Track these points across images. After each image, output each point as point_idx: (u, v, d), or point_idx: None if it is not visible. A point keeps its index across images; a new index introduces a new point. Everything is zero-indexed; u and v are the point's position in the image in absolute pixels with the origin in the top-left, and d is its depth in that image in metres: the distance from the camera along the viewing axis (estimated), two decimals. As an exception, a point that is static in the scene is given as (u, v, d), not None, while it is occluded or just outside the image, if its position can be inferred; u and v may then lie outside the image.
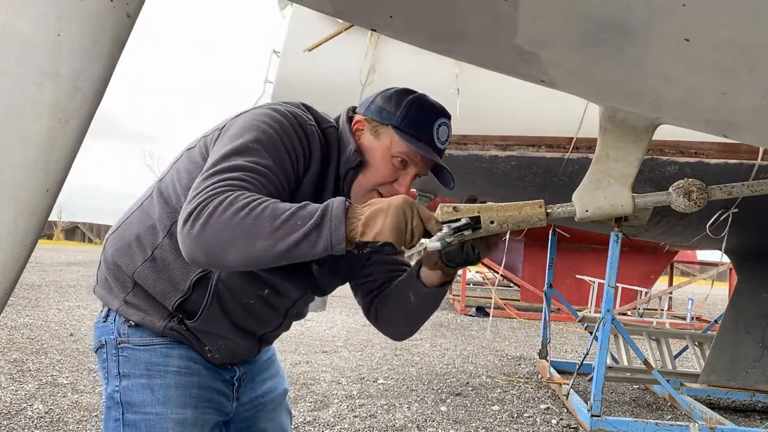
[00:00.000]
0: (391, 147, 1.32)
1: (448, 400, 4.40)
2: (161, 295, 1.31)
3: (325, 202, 1.12)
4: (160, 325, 1.31)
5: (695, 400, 4.25)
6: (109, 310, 1.37)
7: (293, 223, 1.08)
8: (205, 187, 1.12)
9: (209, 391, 1.38)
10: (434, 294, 1.38)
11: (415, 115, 1.33)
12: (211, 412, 1.38)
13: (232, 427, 1.48)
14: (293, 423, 3.65)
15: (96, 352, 1.39)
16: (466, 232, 1.22)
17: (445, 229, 1.20)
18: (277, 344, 1.64)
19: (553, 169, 4.14)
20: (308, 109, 1.37)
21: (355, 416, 3.87)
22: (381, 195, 1.32)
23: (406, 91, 1.37)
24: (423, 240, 1.20)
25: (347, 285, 1.53)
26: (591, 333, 4.40)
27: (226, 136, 1.25)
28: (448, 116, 1.38)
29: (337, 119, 1.39)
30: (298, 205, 1.11)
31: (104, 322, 1.36)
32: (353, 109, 1.41)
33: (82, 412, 3.64)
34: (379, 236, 1.10)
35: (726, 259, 5.03)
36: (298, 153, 1.26)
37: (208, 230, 1.07)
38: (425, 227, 1.15)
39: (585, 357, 4.07)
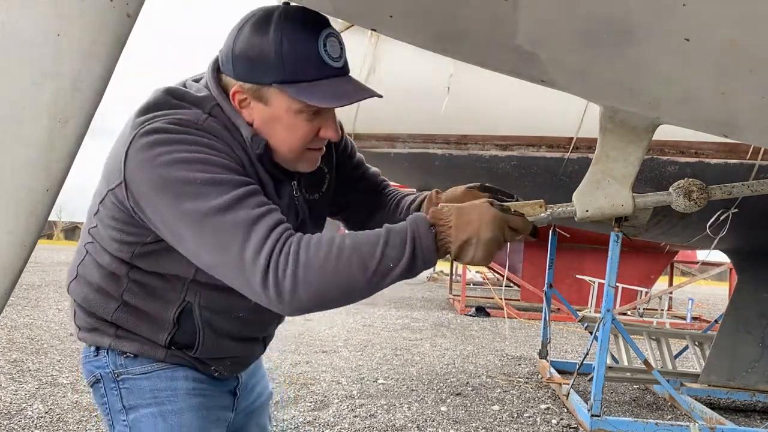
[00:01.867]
0: (291, 106, 1.10)
1: (448, 400, 4.39)
2: (148, 333, 1.22)
3: (409, 231, 1.03)
4: (161, 353, 1.23)
5: (695, 400, 4.24)
6: (98, 347, 1.26)
7: (385, 265, 1.01)
8: (245, 236, 0.99)
9: (218, 410, 1.32)
10: None
11: (294, 51, 1.06)
12: (218, 430, 1.32)
13: None
14: (294, 423, 3.65)
15: (92, 387, 1.28)
16: None
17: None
18: (277, 344, 1.63)
19: (553, 169, 4.14)
20: (178, 95, 1.13)
21: (355, 416, 3.86)
22: (314, 150, 1.18)
23: (264, 20, 1.08)
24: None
25: None
26: (591, 333, 4.40)
27: (161, 191, 1.03)
28: (327, 22, 1.10)
29: (207, 85, 1.16)
30: (382, 239, 1.02)
31: (96, 356, 1.25)
32: (218, 69, 1.16)
33: (82, 412, 3.64)
34: (471, 263, 1.08)
35: (715, 258, 5.02)
36: (227, 152, 1.09)
37: (301, 296, 0.99)
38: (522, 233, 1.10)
39: (585, 357, 4.06)
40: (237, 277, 1.01)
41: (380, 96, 1.13)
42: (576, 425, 3.94)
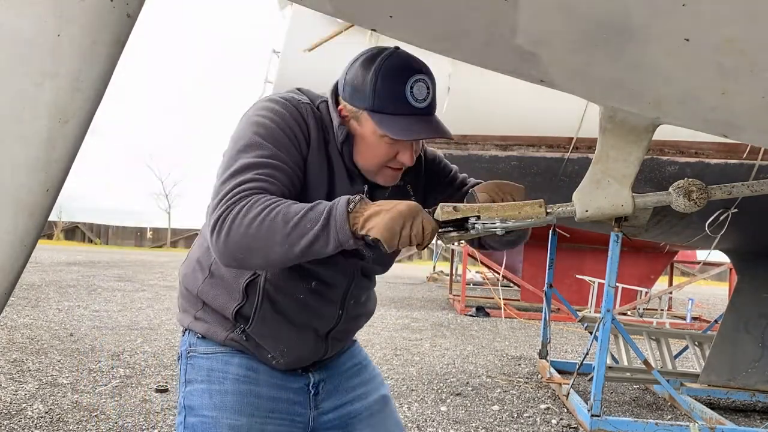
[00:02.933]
0: (376, 130, 1.30)
1: (448, 400, 4.40)
2: (221, 307, 1.37)
3: (334, 202, 1.17)
4: (222, 335, 1.38)
5: (695, 400, 4.25)
6: (184, 328, 1.46)
7: (303, 226, 1.15)
8: (223, 195, 1.19)
9: (273, 402, 1.40)
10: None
11: (385, 88, 1.28)
12: (276, 424, 1.39)
13: None
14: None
15: (178, 363, 1.49)
16: (454, 234, 1.23)
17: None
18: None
19: (553, 169, 4.14)
20: (302, 91, 1.40)
21: (355, 416, 3.86)
22: (392, 169, 1.35)
23: (371, 59, 1.30)
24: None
25: None
26: (591, 333, 4.40)
27: (232, 139, 1.30)
28: (420, 69, 1.30)
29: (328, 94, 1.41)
30: (309, 206, 1.17)
31: (183, 335, 1.47)
32: (337, 88, 1.39)
33: (82, 412, 3.64)
34: (371, 231, 1.15)
35: (715, 258, 5.01)
36: (296, 132, 1.29)
37: (231, 240, 1.16)
38: (424, 240, 1.18)
39: (585, 357, 4.07)
40: (209, 213, 1.21)
41: (451, 138, 1.31)
42: (576, 425, 3.94)
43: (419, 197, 1.49)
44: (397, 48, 1.32)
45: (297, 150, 1.29)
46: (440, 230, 1.22)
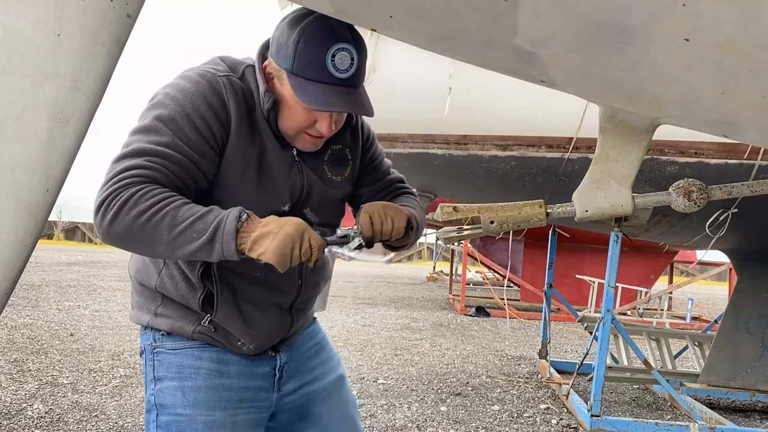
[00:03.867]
0: (294, 93, 1.25)
1: (448, 400, 4.40)
2: (185, 298, 1.34)
3: (222, 215, 1.15)
4: (189, 329, 1.35)
5: (695, 400, 4.25)
6: (143, 325, 1.41)
7: (188, 235, 1.13)
8: (111, 176, 1.15)
9: (242, 392, 1.39)
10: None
11: (305, 52, 1.21)
12: (245, 412, 1.39)
13: (281, 418, 1.47)
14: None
15: (141, 357, 1.44)
16: (453, 235, 1.23)
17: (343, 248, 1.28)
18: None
19: (553, 169, 4.14)
20: (222, 59, 1.34)
21: (355, 416, 3.86)
22: (310, 136, 1.31)
23: (299, 18, 1.23)
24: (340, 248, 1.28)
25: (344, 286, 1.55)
26: (591, 333, 4.40)
27: (141, 114, 1.25)
28: (346, 39, 1.22)
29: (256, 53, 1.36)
30: (198, 214, 1.14)
31: (144, 331, 1.41)
32: (267, 44, 1.34)
33: (82, 412, 3.64)
34: (262, 257, 1.14)
35: (715, 258, 5.01)
36: (206, 116, 1.23)
37: (115, 228, 1.13)
38: (312, 256, 1.19)
39: (585, 357, 4.06)
40: (98, 189, 1.17)
41: (371, 115, 1.26)
42: (576, 425, 3.94)
43: (355, 163, 1.47)
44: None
45: (206, 137, 1.23)
46: (327, 244, 1.24)
